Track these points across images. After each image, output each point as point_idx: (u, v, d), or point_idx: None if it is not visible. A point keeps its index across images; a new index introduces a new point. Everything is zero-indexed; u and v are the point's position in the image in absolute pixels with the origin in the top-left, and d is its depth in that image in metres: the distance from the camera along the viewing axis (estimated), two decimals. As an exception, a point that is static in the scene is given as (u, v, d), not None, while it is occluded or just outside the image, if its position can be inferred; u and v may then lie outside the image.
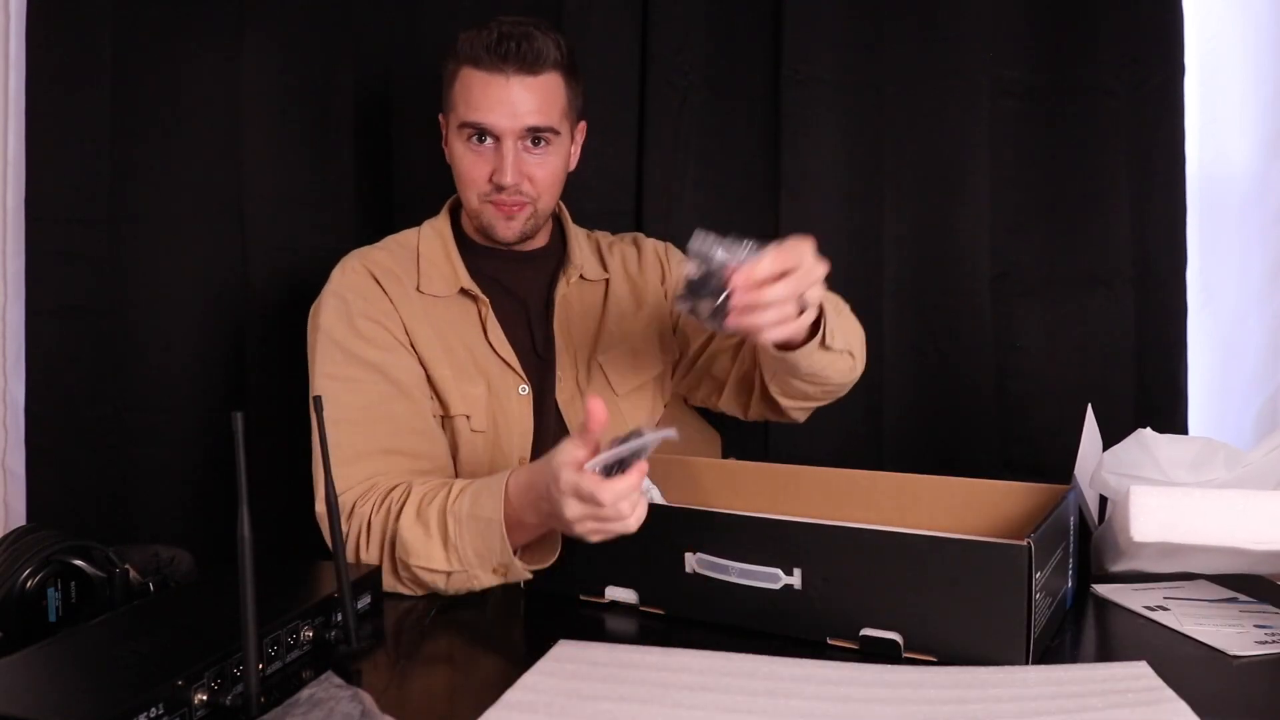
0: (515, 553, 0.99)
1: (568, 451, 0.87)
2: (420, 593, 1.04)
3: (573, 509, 0.87)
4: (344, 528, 1.03)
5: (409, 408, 1.15)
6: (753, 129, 1.59)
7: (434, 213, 1.31)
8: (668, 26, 1.56)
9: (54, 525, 0.99)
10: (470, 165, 1.18)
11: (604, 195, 1.56)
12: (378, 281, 1.19)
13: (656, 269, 1.37)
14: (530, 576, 1.01)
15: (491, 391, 1.20)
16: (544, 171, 1.19)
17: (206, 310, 1.57)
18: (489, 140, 1.16)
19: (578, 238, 1.33)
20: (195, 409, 1.56)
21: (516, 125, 1.14)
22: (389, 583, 1.03)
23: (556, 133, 1.18)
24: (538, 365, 1.25)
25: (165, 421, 1.56)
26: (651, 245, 1.40)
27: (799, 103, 1.55)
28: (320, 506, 1.06)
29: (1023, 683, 0.75)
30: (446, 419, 1.19)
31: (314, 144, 1.58)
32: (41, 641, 0.79)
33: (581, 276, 1.30)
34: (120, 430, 1.55)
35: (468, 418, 1.19)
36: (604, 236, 1.40)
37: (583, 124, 1.26)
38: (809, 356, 1.07)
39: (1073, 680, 0.75)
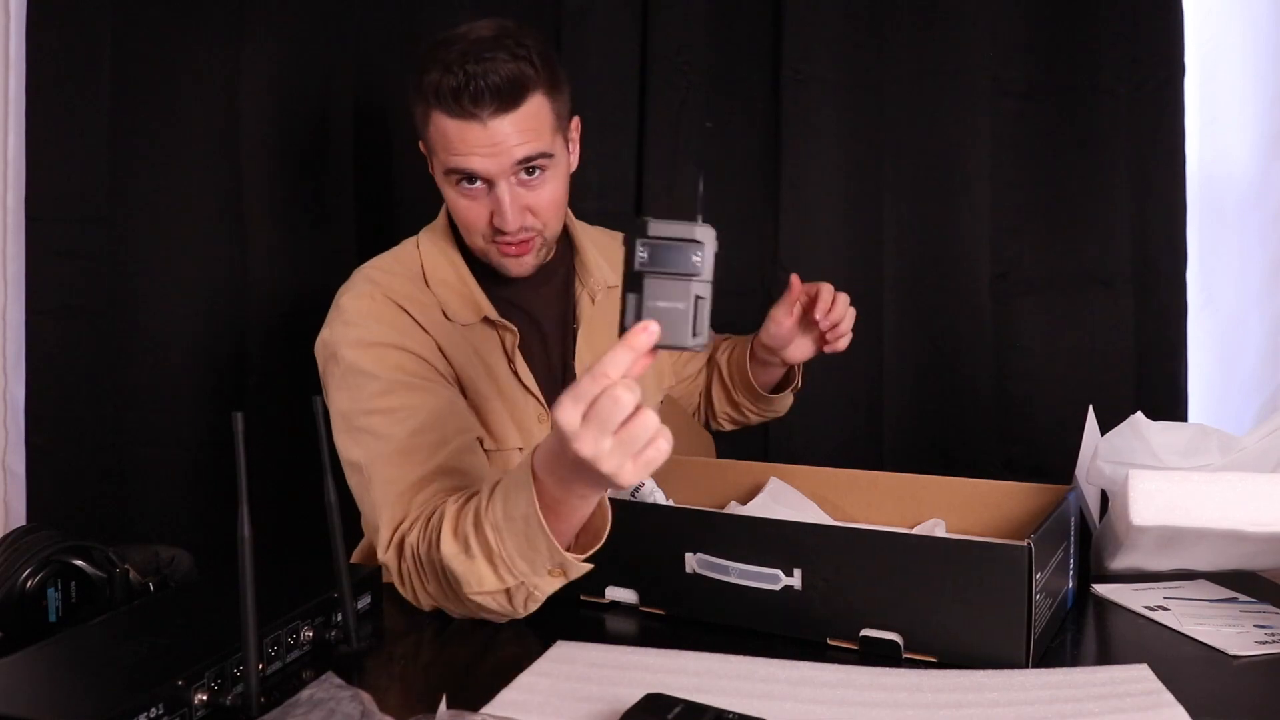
0: (568, 548, 0.86)
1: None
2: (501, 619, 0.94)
3: (583, 433, 0.70)
4: (400, 566, 0.97)
5: (463, 425, 1.07)
6: (753, 129, 1.59)
7: (434, 214, 1.24)
8: (668, 26, 1.56)
9: (54, 525, 0.98)
10: (466, 209, 1.09)
11: (604, 195, 1.56)
12: (405, 310, 1.10)
13: None
14: (590, 568, 0.88)
15: (516, 423, 1.15)
16: (545, 199, 1.09)
17: (206, 310, 1.57)
18: (480, 182, 1.06)
19: (587, 243, 1.24)
20: (195, 409, 1.56)
21: (506, 163, 1.03)
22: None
23: (550, 155, 1.06)
24: (559, 391, 1.19)
25: (165, 421, 1.56)
26: None
27: (799, 103, 1.55)
28: (382, 554, 0.98)
29: (1021, 686, 0.75)
30: (497, 453, 1.12)
31: (313, 144, 1.58)
32: (41, 641, 0.79)
33: (609, 286, 1.22)
34: (120, 430, 1.55)
35: (520, 450, 1.13)
36: (607, 234, 1.34)
37: (576, 120, 1.15)
38: (784, 400, 1.34)
39: (1071, 684, 0.75)
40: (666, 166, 1.58)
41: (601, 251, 1.27)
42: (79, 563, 0.93)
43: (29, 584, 0.89)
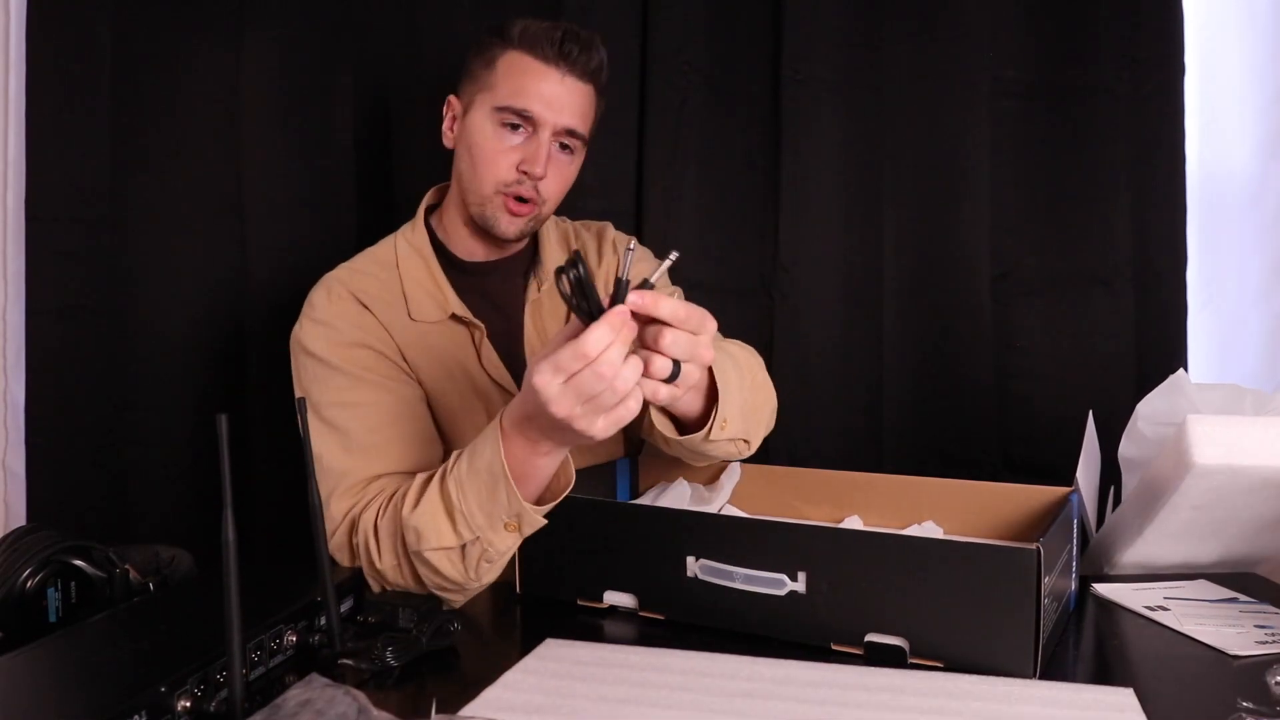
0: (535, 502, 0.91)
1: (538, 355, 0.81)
2: (452, 599, 0.98)
3: (560, 397, 0.78)
4: (351, 542, 1.01)
5: (418, 427, 1.11)
6: (753, 129, 1.59)
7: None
8: (668, 26, 1.56)
9: (54, 525, 0.98)
10: (496, 152, 1.12)
11: (604, 195, 1.56)
12: (368, 309, 1.14)
13: (611, 263, 1.29)
14: (545, 522, 0.92)
15: (491, 417, 1.14)
16: (559, 177, 1.16)
17: (206, 310, 1.57)
18: (522, 130, 1.12)
19: (549, 235, 1.26)
20: (195, 409, 1.56)
21: (559, 121, 1.11)
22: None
23: (583, 143, 1.16)
24: None
25: (165, 421, 1.56)
26: (612, 237, 1.33)
27: (799, 103, 1.55)
28: (330, 534, 1.01)
29: (1005, 698, 0.74)
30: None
31: (314, 144, 1.58)
32: (23, 646, 0.78)
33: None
34: (120, 430, 1.55)
35: None
36: (572, 226, 1.33)
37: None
38: (692, 444, 1.01)
39: (1055, 701, 0.74)
40: (666, 166, 1.58)
41: (562, 238, 1.30)
42: (79, 563, 0.93)
43: (29, 584, 0.90)
